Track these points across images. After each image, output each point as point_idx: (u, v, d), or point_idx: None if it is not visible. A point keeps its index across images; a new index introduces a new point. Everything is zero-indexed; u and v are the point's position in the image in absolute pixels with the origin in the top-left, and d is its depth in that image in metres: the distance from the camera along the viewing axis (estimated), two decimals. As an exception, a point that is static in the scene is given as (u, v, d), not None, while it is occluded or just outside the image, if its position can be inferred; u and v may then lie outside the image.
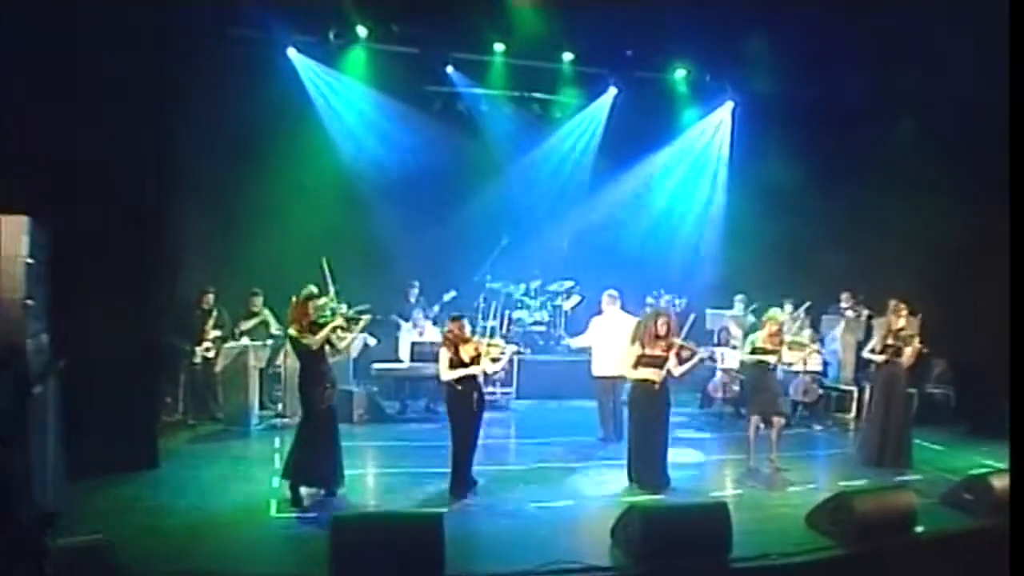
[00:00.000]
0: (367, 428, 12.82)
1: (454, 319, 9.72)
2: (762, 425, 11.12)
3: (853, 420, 14.04)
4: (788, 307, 15.01)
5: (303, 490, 9.14)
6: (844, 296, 15.22)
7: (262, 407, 13.03)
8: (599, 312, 12.68)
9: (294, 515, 8.79)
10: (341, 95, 15.44)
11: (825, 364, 14.41)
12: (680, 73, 16.61)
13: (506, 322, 15.46)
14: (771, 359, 11.03)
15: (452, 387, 9.51)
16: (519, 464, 11.24)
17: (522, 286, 15.77)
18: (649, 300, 15.26)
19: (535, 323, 15.63)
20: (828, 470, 11.73)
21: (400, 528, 7.45)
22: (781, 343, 11.10)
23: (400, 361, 13.55)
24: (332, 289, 9.61)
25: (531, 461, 11.35)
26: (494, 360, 9.84)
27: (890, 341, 11.49)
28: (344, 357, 13.57)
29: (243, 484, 9.72)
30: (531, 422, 13.68)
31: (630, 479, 10.20)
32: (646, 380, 10.02)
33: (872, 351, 11.72)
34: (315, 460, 9.14)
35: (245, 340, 12.77)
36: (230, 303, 13.33)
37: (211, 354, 12.74)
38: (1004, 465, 10.47)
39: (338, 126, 15.44)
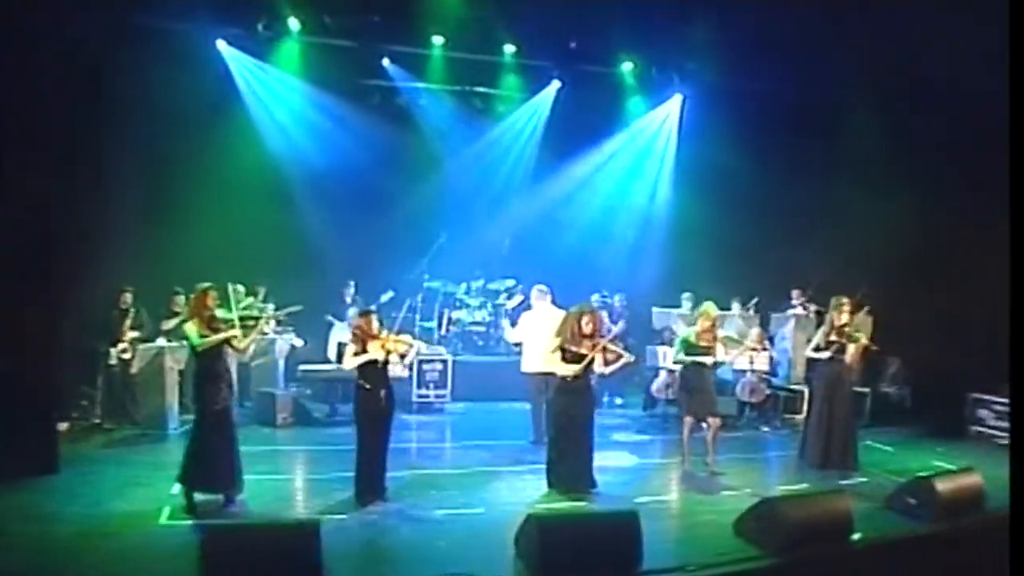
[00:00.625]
0: (290, 432, 11.95)
1: (363, 314, 8.99)
2: (705, 424, 10.28)
3: (804, 421, 13.08)
4: (736, 305, 14.24)
5: (201, 496, 8.39)
6: (795, 293, 14.38)
7: (183, 410, 12.06)
8: (528, 307, 11.85)
9: (185, 522, 7.99)
10: (274, 89, 14.59)
11: (775, 363, 13.56)
12: (627, 66, 15.71)
13: (445, 322, 14.61)
14: (706, 357, 10.16)
15: (359, 386, 8.81)
16: (439, 468, 10.34)
17: (463, 285, 14.86)
18: (595, 298, 14.33)
19: (474, 323, 14.69)
20: (771, 474, 10.97)
21: (274, 538, 6.66)
22: (715, 339, 10.22)
23: (328, 362, 12.62)
24: (235, 312, 8.73)
25: (453, 466, 10.50)
26: (402, 356, 9.05)
27: (833, 338, 10.66)
28: (270, 359, 12.85)
29: (143, 490, 8.87)
30: (465, 425, 12.80)
31: (549, 484, 9.32)
32: (567, 377, 9.17)
33: (815, 348, 10.88)
34: (211, 464, 8.38)
35: (161, 340, 11.86)
36: (153, 303, 12.44)
37: (128, 355, 11.86)
38: (956, 467, 9.77)
39: (271, 121, 14.60)
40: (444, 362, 13.38)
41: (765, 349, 13.17)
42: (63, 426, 11.15)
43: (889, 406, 13.68)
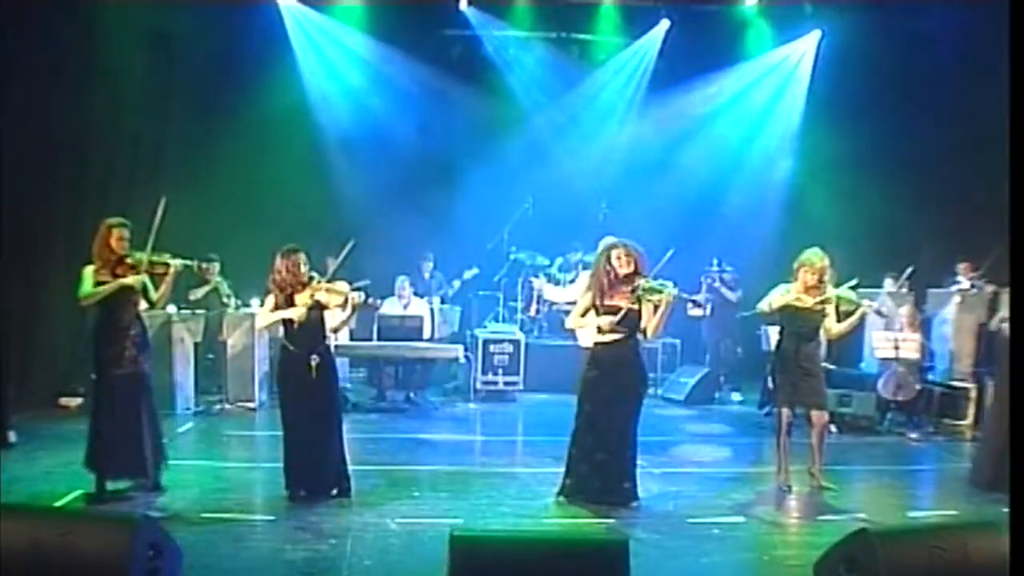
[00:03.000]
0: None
1: (286, 254, 6.40)
2: (827, 422, 7.23)
3: (969, 428, 9.52)
4: (889, 282, 10.68)
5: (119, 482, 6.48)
6: (962, 267, 10.63)
7: (200, 390, 9.94)
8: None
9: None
10: (339, 43, 12.18)
11: (930, 352, 9.97)
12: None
13: (534, 301, 11.80)
14: (804, 324, 6.90)
15: (283, 346, 6.48)
16: (454, 465, 7.71)
17: (559, 260, 11.97)
18: (712, 271, 11.23)
19: (569, 303, 11.73)
20: (906, 494, 7.52)
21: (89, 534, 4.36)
22: (824, 300, 6.91)
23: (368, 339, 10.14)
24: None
25: (475, 463, 7.90)
26: (343, 308, 6.51)
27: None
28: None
29: (81, 471, 6.57)
30: (531, 418, 10.04)
31: (562, 491, 6.44)
32: (601, 344, 6.31)
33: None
34: (111, 444, 6.34)
35: (171, 308, 9.68)
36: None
37: (145, 325, 9.88)
38: None
39: (332, 77, 12.25)
40: (515, 343, 10.68)
41: (917, 332, 9.65)
42: (74, 402, 9.50)
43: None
